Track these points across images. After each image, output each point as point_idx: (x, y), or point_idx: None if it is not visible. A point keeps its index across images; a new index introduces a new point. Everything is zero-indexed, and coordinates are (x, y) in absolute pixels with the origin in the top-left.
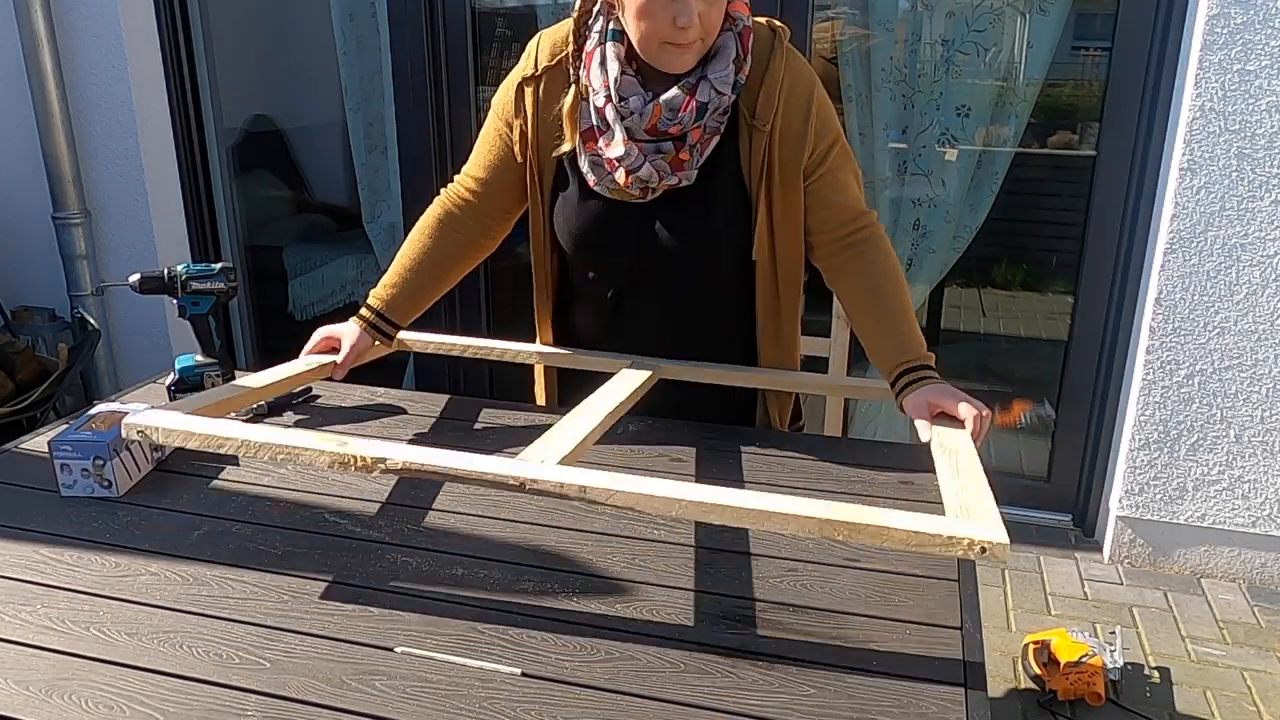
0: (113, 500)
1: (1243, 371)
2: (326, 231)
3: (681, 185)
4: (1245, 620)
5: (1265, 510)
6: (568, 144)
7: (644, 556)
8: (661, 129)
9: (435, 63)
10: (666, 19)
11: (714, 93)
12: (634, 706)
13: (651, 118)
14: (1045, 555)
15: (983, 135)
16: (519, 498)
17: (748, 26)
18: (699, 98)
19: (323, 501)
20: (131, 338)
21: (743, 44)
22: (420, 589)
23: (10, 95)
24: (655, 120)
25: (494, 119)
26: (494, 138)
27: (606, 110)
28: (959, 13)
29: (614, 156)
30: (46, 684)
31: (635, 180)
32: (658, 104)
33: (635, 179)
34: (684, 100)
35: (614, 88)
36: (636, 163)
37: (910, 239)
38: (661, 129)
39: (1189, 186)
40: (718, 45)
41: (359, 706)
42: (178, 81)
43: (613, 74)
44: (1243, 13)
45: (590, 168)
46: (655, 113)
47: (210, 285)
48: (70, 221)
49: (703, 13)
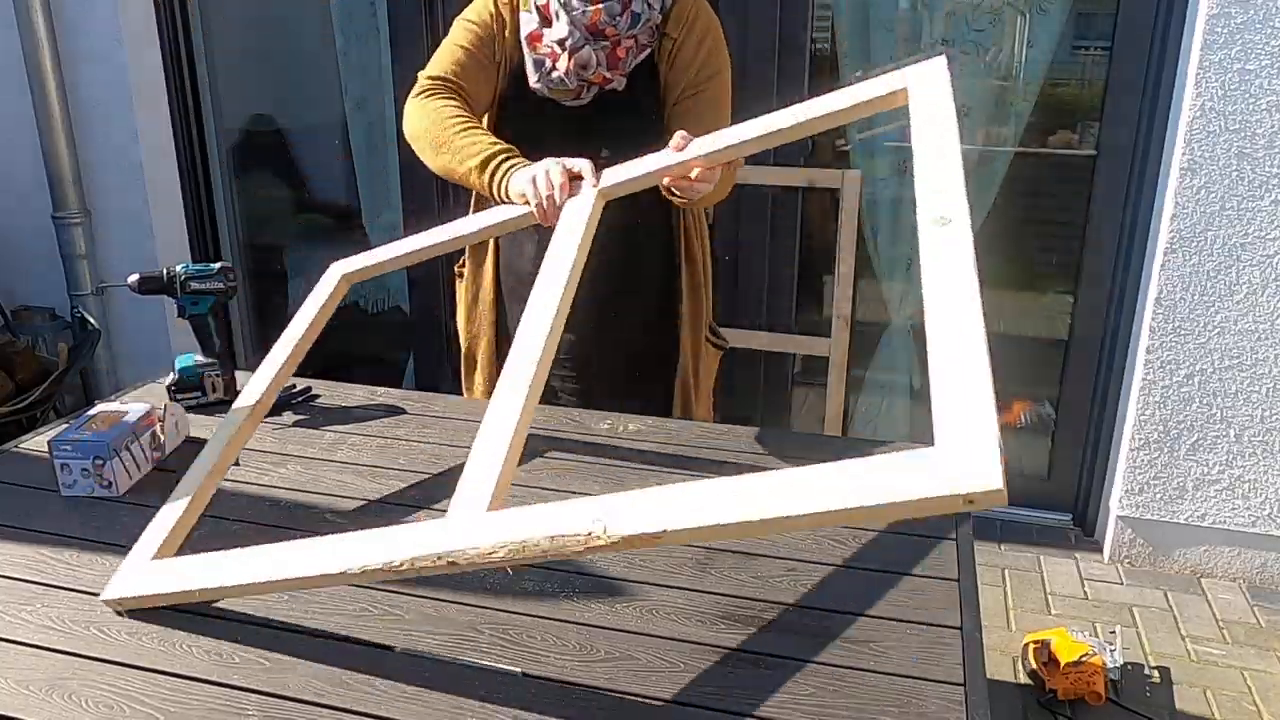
0: (113, 500)
1: (1243, 371)
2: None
3: (611, 87)
4: (1245, 620)
5: (1265, 510)
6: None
7: (644, 556)
8: (600, 28)
9: None
10: None
11: (646, 6)
12: (634, 706)
13: (592, 17)
14: (1045, 555)
15: (983, 135)
16: (518, 498)
17: None
18: (633, 8)
19: (323, 501)
20: (131, 338)
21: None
22: (420, 589)
23: (10, 95)
24: (596, 20)
25: (466, 27)
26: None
27: (551, 4)
28: (959, 13)
29: (557, 39)
30: (46, 684)
31: (575, 65)
32: (597, 7)
33: (576, 62)
34: (620, 7)
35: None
36: (579, 42)
37: (910, 239)
38: (600, 28)
39: (1189, 186)
40: None
41: (359, 706)
42: (178, 81)
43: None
44: (1243, 12)
45: (533, 66)
46: (595, 14)
47: (209, 285)
48: (70, 221)
49: None
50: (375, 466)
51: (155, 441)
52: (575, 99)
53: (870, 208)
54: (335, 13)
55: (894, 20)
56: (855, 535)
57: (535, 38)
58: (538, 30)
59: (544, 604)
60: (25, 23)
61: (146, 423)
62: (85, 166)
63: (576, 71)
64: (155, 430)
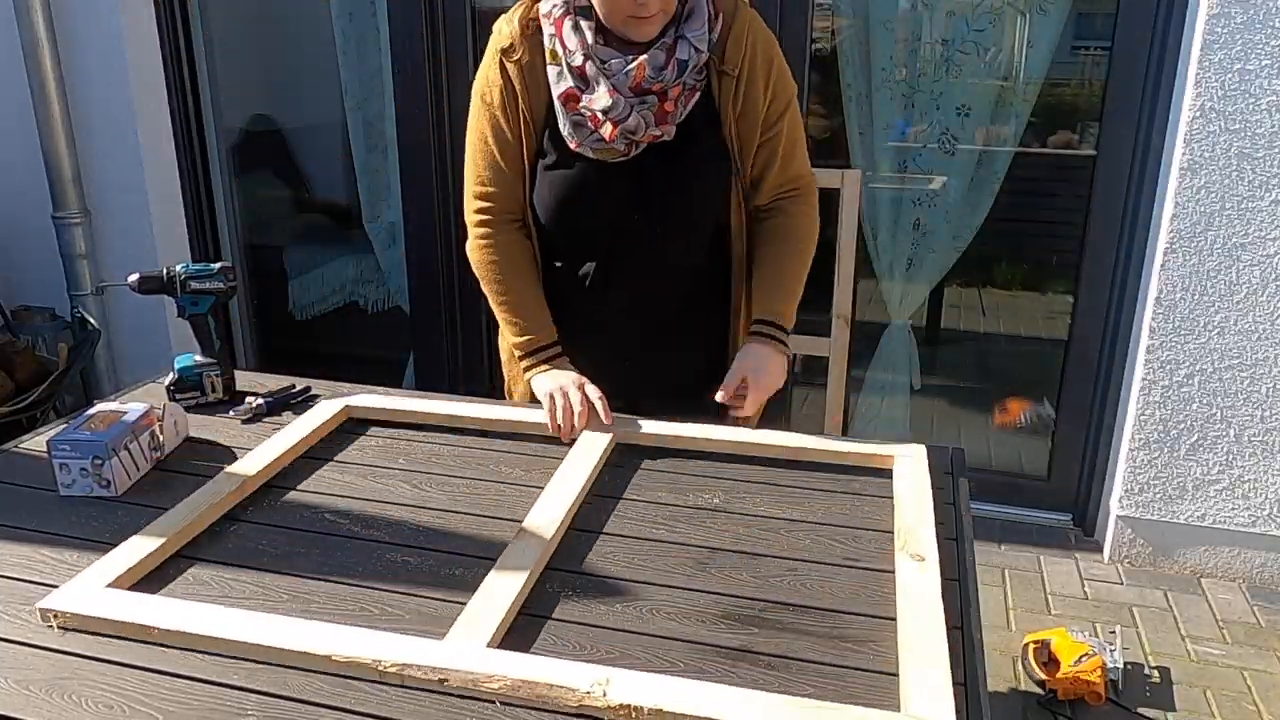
0: (111, 500)
1: (1243, 371)
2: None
3: (662, 140)
4: (1245, 620)
5: (1265, 510)
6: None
7: (644, 556)
8: (645, 87)
9: (435, 63)
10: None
11: (692, 50)
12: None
13: (635, 77)
14: (1045, 555)
15: (983, 135)
16: (518, 498)
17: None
18: (679, 55)
19: (323, 501)
20: (131, 337)
21: (713, 5)
22: (420, 589)
23: (10, 95)
24: (640, 79)
25: (481, 112)
26: (486, 129)
27: (587, 67)
28: (959, 12)
29: (600, 109)
30: (46, 684)
31: (622, 132)
32: (641, 62)
33: (622, 130)
34: (665, 58)
35: (592, 52)
36: (623, 113)
37: (910, 239)
38: (645, 87)
39: (1189, 186)
40: (691, 6)
41: (359, 706)
42: (178, 81)
43: (589, 38)
44: (1243, 12)
45: (572, 129)
46: (639, 71)
47: (209, 285)
48: (70, 221)
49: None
50: (375, 467)
51: (154, 441)
52: (623, 157)
53: (870, 208)
54: (335, 13)
55: (894, 20)
56: (855, 535)
57: (572, 99)
58: (574, 90)
59: (544, 604)
60: (25, 23)
61: (145, 423)
62: (85, 166)
63: (624, 136)
64: (154, 430)
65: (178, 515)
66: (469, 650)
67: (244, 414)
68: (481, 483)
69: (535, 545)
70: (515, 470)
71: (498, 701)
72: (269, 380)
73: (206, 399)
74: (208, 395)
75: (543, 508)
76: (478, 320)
